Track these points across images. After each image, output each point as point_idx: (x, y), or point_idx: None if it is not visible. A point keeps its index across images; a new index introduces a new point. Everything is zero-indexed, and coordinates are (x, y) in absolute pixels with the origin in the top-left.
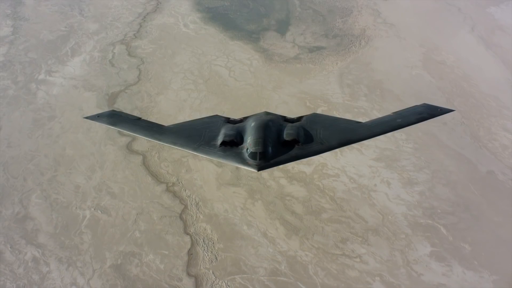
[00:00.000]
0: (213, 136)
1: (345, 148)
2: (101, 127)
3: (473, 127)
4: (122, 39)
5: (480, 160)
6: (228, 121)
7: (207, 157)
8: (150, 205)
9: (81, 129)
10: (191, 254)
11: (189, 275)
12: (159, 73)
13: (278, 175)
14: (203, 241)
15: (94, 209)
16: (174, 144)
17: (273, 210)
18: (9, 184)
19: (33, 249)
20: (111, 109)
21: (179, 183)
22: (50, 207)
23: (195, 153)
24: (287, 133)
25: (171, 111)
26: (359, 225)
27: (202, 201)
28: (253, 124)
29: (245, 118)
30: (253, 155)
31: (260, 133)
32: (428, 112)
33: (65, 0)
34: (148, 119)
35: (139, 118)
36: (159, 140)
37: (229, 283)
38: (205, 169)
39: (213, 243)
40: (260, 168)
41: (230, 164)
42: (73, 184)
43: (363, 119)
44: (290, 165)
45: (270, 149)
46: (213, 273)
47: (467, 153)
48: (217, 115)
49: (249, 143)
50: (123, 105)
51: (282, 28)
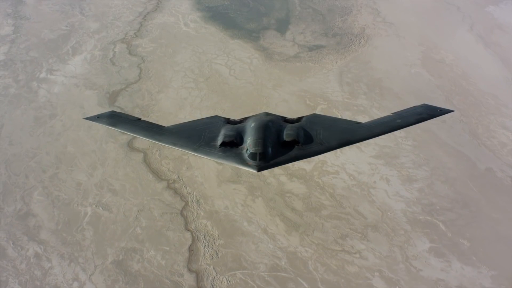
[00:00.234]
0: (213, 136)
1: None
2: (102, 125)
3: (472, 124)
4: (123, 38)
5: (479, 157)
6: (228, 121)
7: (207, 157)
8: (151, 202)
9: (82, 127)
10: (192, 250)
11: (190, 270)
12: (160, 71)
13: (278, 172)
14: (204, 237)
15: (96, 206)
16: (174, 144)
17: (273, 206)
18: (11, 181)
19: (35, 245)
20: (111, 109)
21: (180, 180)
22: (52, 204)
23: (195, 153)
24: (287, 133)
25: (172, 109)
26: (358, 221)
27: (202, 198)
28: (253, 124)
29: (245, 119)
30: (253, 155)
31: (260, 134)
32: (428, 113)
33: None
34: (149, 117)
35: (139, 119)
36: (159, 140)
37: (229, 279)
38: (205, 166)
39: (213, 239)
40: (260, 168)
41: (230, 165)
42: (74, 181)
43: (362, 117)
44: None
45: (270, 149)
46: (213, 268)
47: (466, 150)
48: (217, 115)
49: (249, 143)
50: (124, 103)
51: (282, 27)
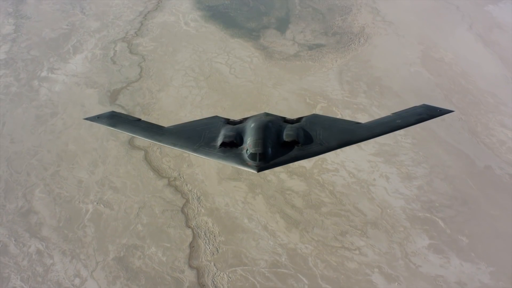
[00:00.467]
0: (213, 137)
1: None
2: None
3: (471, 123)
4: (124, 37)
5: (478, 155)
6: (228, 122)
7: (207, 158)
8: (152, 199)
9: (83, 125)
10: (193, 247)
11: (190, 267)
12: (161, 70)
13: (278, 170)
14: (205, 234)
15: (97, 203)
16: (174, 145)
17: (273, 204)
18: (12, 179)
19: (37, 242)
20: (112, 107)
21: (180, 177)
22: (54, 201)
23: (195, 154)
24: (287, 134)
25: (173, 107)
26: (358, 218)
27: (203, 195)
28: (252, 125)
29: (245, 119)
30: (252, 156)
31: (259, 134)
32: (428, 113)
33: None
34: (150, 115)
35: (139, 119)
36: (159, 141)
37: (230, 275)
38: (206, 164)
39: (214, 236)
40: (260, 169)
41: (230, 165)
42: (76, 178)
43: (362, 115)
44: None
45: (269, 150)
46: (214, 265)
47: (465, 148)
48: (216, 116)
49: (248, 144)
50: (125, 102)
51: (282, 26)
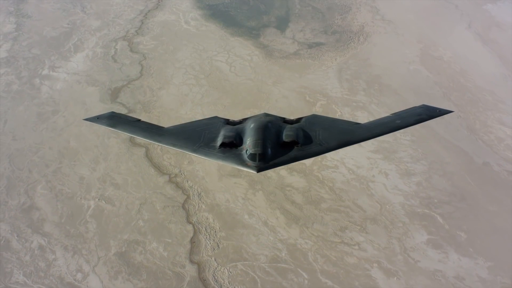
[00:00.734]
0: (213, 137)
1: None
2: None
3: (469, 120)
4: (124, 35)
5: (476, 152)
6: (228, 122)
7: (207, 158)
8: (153, 195)
9: (84, 122)
10: (194, 242)
11: (191, 262)
12: (161, 68)
13: (278, 167)
14: (205, 229)
15: (99, 199)
16: (174, 145)
17: (273, 200)
18: (14, 175)
19: (39, 238)
20: (113, 105)
21: (181, 174)
22: (55, 198)
23: (194, 154)
24: (286, 134)
25: (173, 105)
26: (357, 214)
27: (204, 191)
28: (252, 125)
29: (244, 120)
30: (252, 156)
31: (259, 135)
32: (427, 113)
33: None
34: (151, 113)
35: (139, 120)
36: (159, 141)
37: (231, 270)
38: (206, 161)
39: (215, 231)
40: (260, 169)
41: (230, 166)
42: (77, 175)
43: (361, 112)
44: None
45: (269, 150)
46: (215, 260)
47: (464, 145)
48: (216, 116)
49: (248, 144)
50: (126, 100)
51: (282, 24)
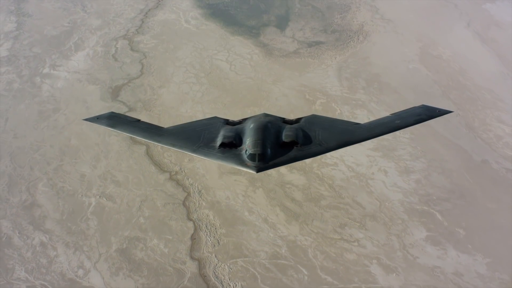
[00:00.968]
0: (212, 137)
1: None
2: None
3: (468, 118)
4: (125, 34)
5: (475, 149)
6: (227, 122)
7: (206, 158)
8: (154, 192)
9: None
10: (194, 239)
11: (192, 258)
12: (162, 67)
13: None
14: (206, 226)
15: (100, 196)
16: (173, 145)
17: (273, 197)
18: (16, 173)
19: (40, 235)
20: (114, 103)
21: (182, 172)
22: (57, 195)
23: (194, 154)
24: (286, 134)
25: (174, 103)
26: (357, 211)
27: (204, 189)
28: (252, 125)
29: (244, 120)
30: (252, 156)
31: (259, 135)
32: (427, 114)
33: None
34: (152, 111)
35: (138, 120)
36: (159, 142)
37: (231, 266)
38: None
39: (215, 228)
40: (259, 169)
41: (229, 166)
42: (78, 173)
43: (361, 110)
44: None
45: (269, 150)
46: (215, 256)
47: (462, 143)
48: (216, 116)
49: (248, 144)
50: (127, 98)
51: (282, 23)
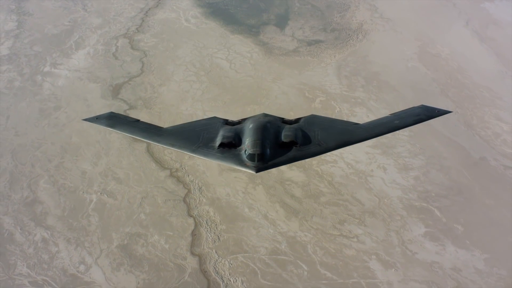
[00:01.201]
0: (212, 137)
1: None
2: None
3: (466, 116)
4: (125, 33)
5: (473, 147)
6: (226, 122)
7: (206, 158)
8: (155, 189)
9: None
10: (195, 235)
11: (193, 254)
12: (162, 65)
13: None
14: (206, 222)
15: (101, 193)
16: (173, 146)
17: (273, 194)
18: (17, 170)
19: (42, 231)
20: (114, 101)
21: (182, 169)
22: (58, 192)
23: (193, 154)
24: (285, 134)
25: (174, 101)
26: (356, 207)
27: (204, 185)
28: (251, 126)
29: (243, 120)
30: (251, 156)
31: (258, 135)
32: (426, 114)
33: None
34: (152, 109)
35: (138, 120)
36: (158, 142)
37: (231, 262)
38: None
39: (215, 224)
40: (258, 169)
41: (229, 166)
42: (79, 170)
43: (360, 108)
44: None
45: (268, 150)
46: (216, 252)
47: (461, 140)
48: (215, 116)
49: (247, 144)
50: (127, 96)
51: (282, 22)
